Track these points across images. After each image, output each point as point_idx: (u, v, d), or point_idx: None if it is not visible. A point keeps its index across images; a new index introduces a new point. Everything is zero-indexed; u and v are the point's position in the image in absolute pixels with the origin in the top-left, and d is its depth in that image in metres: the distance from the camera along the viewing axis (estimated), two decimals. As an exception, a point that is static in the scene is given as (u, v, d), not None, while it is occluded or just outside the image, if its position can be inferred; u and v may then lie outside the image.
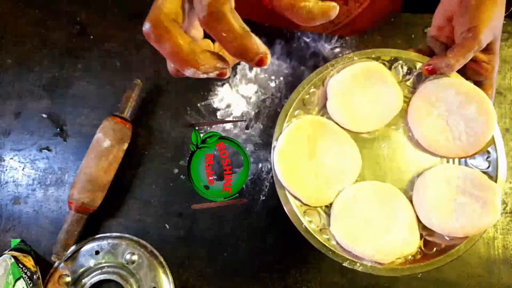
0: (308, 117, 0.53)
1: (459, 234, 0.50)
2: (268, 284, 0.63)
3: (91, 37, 0.69)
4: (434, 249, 0.51)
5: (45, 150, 0.66)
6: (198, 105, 0.66)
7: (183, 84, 0.67)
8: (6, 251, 0.60)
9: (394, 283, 0.62)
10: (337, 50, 0.67)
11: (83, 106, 0.67)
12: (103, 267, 0.61)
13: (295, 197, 0.52)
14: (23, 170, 0.65)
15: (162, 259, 0.62)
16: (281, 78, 0.67)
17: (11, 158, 0.66)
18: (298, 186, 0.51)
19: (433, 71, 0.50)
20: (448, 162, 0.54)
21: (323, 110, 0.54)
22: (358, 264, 0.51)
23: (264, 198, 0.64)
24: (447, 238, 0.51)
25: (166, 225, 0.64)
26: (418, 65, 0.53)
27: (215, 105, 0.66)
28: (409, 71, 0.53)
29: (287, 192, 0.51)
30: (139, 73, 0.67)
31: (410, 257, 0.51)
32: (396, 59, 0.53)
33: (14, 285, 0.56)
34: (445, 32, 0.52)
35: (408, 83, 0.54)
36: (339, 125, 0.53)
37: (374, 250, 0.50)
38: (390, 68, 0.54)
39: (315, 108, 0.54)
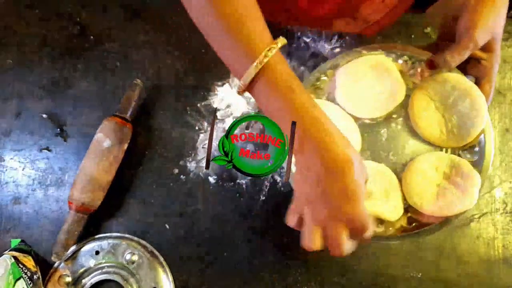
0: (316, 101, 0.56)
1: (438, 214, 0.55)
2: (268, 284, 0.63)
3: (91, 37, 0.69)
4: (414, 224, 0.57)
5: (45, 150, 0.66)
6: (198, 105, 0.66)
7: (183, 84, 0.67)
8: (6, 251, 0.60)
9: (393, 282, 0.62)
10: (337, 50, 0.67)
11: (83, 106, 0.67)
12: (103, 267, 0.61)
13: None
14: (23, 170, 0.65)
15: (162, 259, 0.62)
16: (281, 78, 0.66)
17: (11, 158, 0.66)
18: None
19: (433, 67, 0.54)
20: (441, 150, 0.58)
21: (331, 96, 0.58)
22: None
23: (264, 198, 0.64)
24: (429, 217, 0.56)
25: (166, 225, 0.64)
26: (421, 60, 0.57)
27: (215, 105, 0.66)
28: (413, 66, 0.57)
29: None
30: (139, 73, 0.67)
31: (390, 228, 0.57)
32: (401, 54, 0.57)
33: (14, 285, 0.56)
34: (452, 30, 0.54)
35: (411, 76, 0.58)
36: (344, 110, 0.57)
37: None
38: (395, 62, 0.58)
39: (324, 94, 0.59)
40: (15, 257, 0.57)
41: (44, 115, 0.67)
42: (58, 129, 0.66)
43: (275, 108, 0.43)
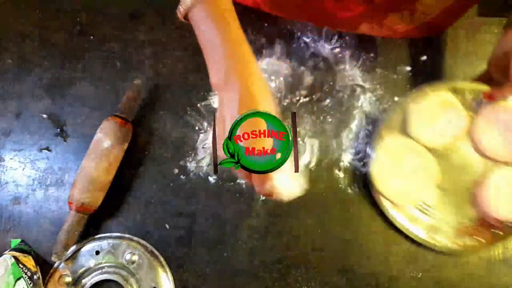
0: (395, 137, 0.65)
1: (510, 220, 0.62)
2: (268, 284, 0.63)
3: (91, 37, 0.69)
4: (492, 230, 0.63)
5: (45, 150, 0.66)
6: (198, 105, 0.66)
7: (183, 84, 0.67)
8: (7, 251, 0.60)
9: (394, 283, 0.62)
10: (337, 50, 0.67)
11: (83, 106, 0.67)
12: (103, 267, 0.61)
13: (387, 199, 0.64)
14: (23, 170, 0.65)
15: (162, 259, 0.62)
16: (281, 78, 0.67)
17: (11, 158, 0.66)
18: (389, 190, 0.64)
19: (492, 99, 0.62)
20: (506, 165, 0.65)
21: (403, 130, 0.66)
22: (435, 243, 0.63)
23: (264, 198, 0.64)
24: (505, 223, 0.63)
25: (166, 225, 0.64)
26: (480, 92, 0.64)
27: (215, 105, 0.66)
28: (473, 97, 0.66)
29: (380, 196, 0.64)
30: (139, 73, 0.67)
31: (482, 240, 0.63)
32: (461, 88, 0.66)
33: (14, 285, 0.56)
34: (503, 63, 0.59)
35: (472, 106, 0.66)
36: (418, 142, 0.65)
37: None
38: (457, 95, 0.66)
39: (397, 129, 0.66)
40: (15, 257, 0.57)
41: (44, 115, 0.67)
42: (58, 129, 0.66)
43: (210, 36, 0.46)
